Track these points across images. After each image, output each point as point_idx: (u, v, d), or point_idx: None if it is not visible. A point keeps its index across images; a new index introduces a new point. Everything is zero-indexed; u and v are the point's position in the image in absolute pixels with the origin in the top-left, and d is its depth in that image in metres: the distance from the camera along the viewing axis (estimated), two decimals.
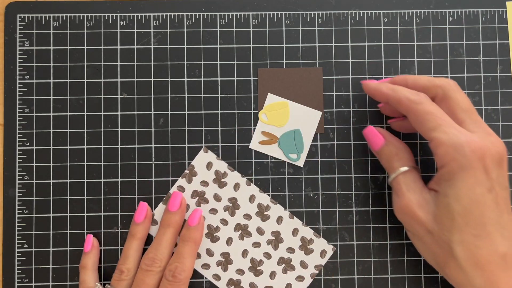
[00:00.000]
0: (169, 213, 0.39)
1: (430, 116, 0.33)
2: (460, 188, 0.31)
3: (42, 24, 0.41)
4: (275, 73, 0.41)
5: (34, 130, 0.40)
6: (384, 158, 0.37)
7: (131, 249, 0.38)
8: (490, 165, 0.31)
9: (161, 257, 0.37)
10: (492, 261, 0.31)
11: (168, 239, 0.38)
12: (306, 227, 0.40)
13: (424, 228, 0.33)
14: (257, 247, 0.40)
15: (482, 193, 0.31)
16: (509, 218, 0.32)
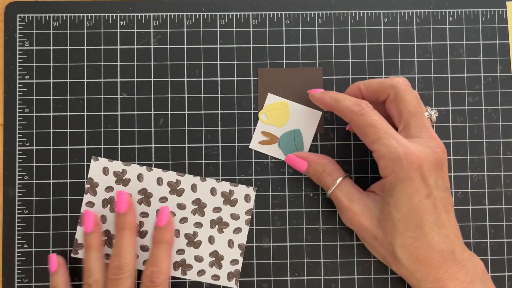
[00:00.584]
0: (120, 215, 0.38)
1: (371, 129, 0.34)
2: (399, 198, 0.34)
3: (42, 24, 0.41)
4: (275, 73, 0.41)
5: (34, 130, 0.40)
6: (315, 178, 0.39)
7: (91, 261, 0.37)
8: (427, 173, 0.33)
9: (126, 262, 0.36)
10: (430, 257, 0.34)
11: (128, 242, 0.37)
12: (221, 182, 0.40)
13: (369, 234, 0.36)
14: (186, 222, 0.40)
15: (420, 200, 0.34)
16: (446, 217, 0.34)
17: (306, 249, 0.40)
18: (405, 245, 0.34)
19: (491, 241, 0.40)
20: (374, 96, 0.37)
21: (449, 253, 0.34)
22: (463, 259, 0.34)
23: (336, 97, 0.37)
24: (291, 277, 0.40)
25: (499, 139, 0.41)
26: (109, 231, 0.40)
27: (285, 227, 0.40)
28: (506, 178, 0.41)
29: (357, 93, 0.37)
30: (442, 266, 0.34)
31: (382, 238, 0.35)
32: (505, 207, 0.40)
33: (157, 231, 0.38)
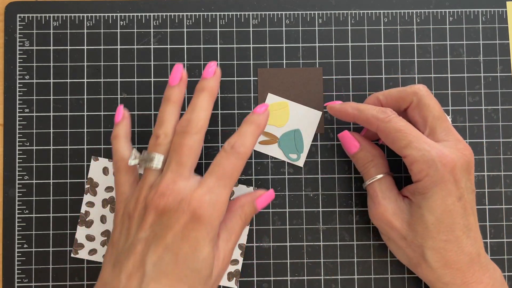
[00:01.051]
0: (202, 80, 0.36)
1: (400, 134, 0.34)
2: (433, 201, 0.34)
3: (42, 24, 0.41)
4: (275, 73, 0.41)
5: (34, 130, 0.40)
6: (359, 163, 0.38)
7: (166, 113, 0.35)
8: (459, 175, 0.33)
9: (198, 118, 0.34)
10: (459, 260, 0.34)
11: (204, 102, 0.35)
12: None
13: (398, 234, 0.35)
14: None
15: (453, 202, 0.33)
16: (474, 220, 0.34)
17: (306, 249, 0.40)
18: (436, 248, 0.34)
19: (491, 241, 0.40)
20: (395, 105, 0.37)
21: (476, 256, 0.34)
22: (486, 262, 0.35)
23: (358, 107, 0.36)
24: (291, 277, 0.40)
25: (499, 139, 0.41)
26: (109, 230, 0.40)
27: (285, 227, 0.40)
28: (506, 178, 0.41)
29: (376, 103, 0.37)
30: (470, 269, 0.34)
31: (412, 240, 0.35)
32: (505, 207, 0.40)
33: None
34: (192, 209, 0.31)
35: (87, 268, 0.40)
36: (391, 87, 0.41)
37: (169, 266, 0.30)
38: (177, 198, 0.32)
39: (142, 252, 0.31)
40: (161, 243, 0.31)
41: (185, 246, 0.31)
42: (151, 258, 0.30)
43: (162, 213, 0.31)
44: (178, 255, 0.31)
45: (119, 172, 0.35)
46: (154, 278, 0.30)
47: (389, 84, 0.41)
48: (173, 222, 0.31)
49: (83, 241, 0.40)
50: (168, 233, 0.31)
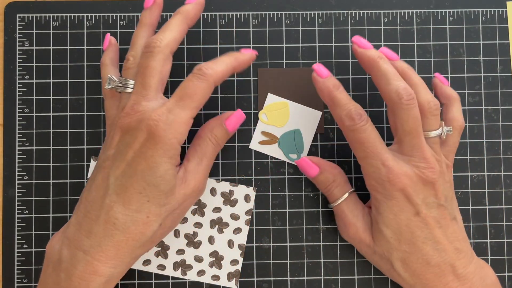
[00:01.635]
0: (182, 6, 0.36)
1: (359, 146, 0.34)
2: (386, 216, 0.34)
3: (41, 24, 0.41)
4: (275, 73, 0.41)
5: (33, 130, 0.40)
6: (322, 186, 0.38)
7: (137, 36, 0.36)
8: (412, 193, 0.34)
9: (161, 38, 0.34)
10: (427, 271, 0.34)
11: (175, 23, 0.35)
12: (221, 182, 0.40)
13: (370, 249, 0.36)
14: (185, 222, 0.40)
15: (408, 217, 0.34)
16: (441, 233, 0.34)
17: (306, 249, 0.40)
18: (401, 259, 0.34)
19: (491, 241, 0.40)
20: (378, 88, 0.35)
21: (448, 267, 0.34)
22: (467, 272, 0.34)
23: (334, 97, 0.34)
24: (291, 277, 0.40)
25: (499, 139, 0.41)
26: None
27: (285, 227, 0.40)
28: (506, 178, 0.41)
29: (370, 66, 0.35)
30: (441, 280, 0.34)
31: (381, 253, 0.35)
32: (505, 207, 0.40)
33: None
34: (149, 128, 0.32)
35: None
36: None
37: (129, 180, 0.33)
38: (138, 118, 0.33)
39: (107, 168, 0.33)
40: (124, 160, 0.33)
41: (143, 162, 0.32)
42: (115, 172, 0.33)
43: (125, 132, 0.33)
44: (136, 170, 0.33)
45: (106, 98, 0.37)
46: (116, 191, 0.33)
47: None
48: (133, 140, 0.33)
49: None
50: (129, 151, 0.33)
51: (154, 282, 0.40)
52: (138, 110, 0.33)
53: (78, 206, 0.35)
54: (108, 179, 0.33)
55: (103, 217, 0.33)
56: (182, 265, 0.40)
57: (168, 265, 0.40)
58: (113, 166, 0.33)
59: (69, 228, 0.34)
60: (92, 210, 0.33)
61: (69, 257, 0.33)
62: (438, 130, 0.35)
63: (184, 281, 0.40)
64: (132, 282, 0.40)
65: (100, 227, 0.33)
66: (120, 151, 0.33)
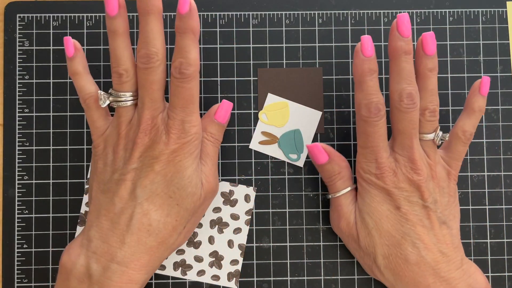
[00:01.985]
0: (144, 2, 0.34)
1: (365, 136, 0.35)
2: (369, 203, 0.35)
3: (41, 24, 0.41)
4: (275, 73, 0.41)
5: (33, 130, 0.40)
6: (326, 175, 0.38)
7: (118, 49, 0.35)
8: (394, 190, 0.35)
9: (155, 50, 0.34)
10: (406, 269, 0.34)
11: (154, 28, 0.34)
12: (221, 182, 0.40)
13: (357, 244, 0.36)
14: None
15: (389, 209, 0.35)
16: (424, 232, 0.35)
17: (306, 249, 0.40)
18: (383, 254, 0.35)
19: (491, 241, 0.40)
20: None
21: (429, 268, 0.34)
22: (451, 277, 0.34)
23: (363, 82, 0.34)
24: (291, 277, 0.40)
25: (499, 139, 0.41)
26: None
27: (285, 227, 0.40)
28: (506, 178, 0.41)
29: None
30: (421, 281, 0.34)
31: (365, 247, 0.36)
32: (505, 207, 0.40)
33: (179, 19, 0.34)
34: (171, 140, 0.34)
35: None
36: None
37: (159, 187, 0.34)
38: (158, 133, 0.34)
39: (133, 180, 0.34)
40: (151, 170, 0.34)
41: (172, 169, 0.34)
42: (143, 182, 0.34)
43: (148, 148, 0.34)
44: (166, 176, 0.34)
45: (90, 109, 0.36)
46: (147, 199, 0.34)
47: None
48: (158, 153, 0.34)
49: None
50: (156, 163, 0.34)
51: (154, 282, 0.40)
52: (155, 126, 0.34)
53: (98, 219, 0.34)
54: (136, 190, 0.34)
55: (136, 226, 0.33)
56: (182, 265, 0.40)
57: (168, 265, 0.40)
58: (140, 177, 0.34)
59: (93, 242, 0.34)
60: (121, 221, 0.33)
61: (101, 270, 0.33)
62: (431, 134, 0.36)
63: (184, 281, 0.40)
64: None
65: (134, 236, 0.33)
66: (144, 164, 0.34)
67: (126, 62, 0.35)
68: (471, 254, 0.40)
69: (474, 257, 0.40)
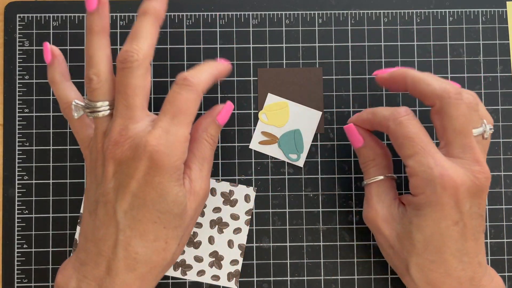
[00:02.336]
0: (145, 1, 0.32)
1: (407, 141, 0.31)
2: (424, 220, 0.31)
3: (41, 24, 0.41)
4: (275, 73, 0.41)
5: (33, 130, 0.40)
6: (361, 160, 0.36)
7: (92, 48, 0.31)
8: (462, 199, 0.31)
9: (136, 48, 0.30)
10: (444, 283, 0.32)
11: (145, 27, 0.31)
12: (221, 182, 0.40)
13: (386, 241, 0.34)
14: None
15: (447, 226, 0.31)
16: (473, 245, 0.32)
17: (306, 249, 0.40)
18: (420, 266, 0.32)
19: (491, 241, 0.40)
20: (419, 96, 0.33)
21: (467, 280, 0.31)
22: (481, 285, 0.32)
23: (373, 110, 0.34)
24: (291, 278, 0.40)
25: (499, 139, 0.41)
26: None
27: (285, 227, 0.40)
28: (506, 178, 0.41)
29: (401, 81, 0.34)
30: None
31: (399, 251, 0.33)
32: (505, 207, 0.40)
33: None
34: (149, 155, 0.30)
35: None
36: None
37: (140, 212, 0.30)
38: (132, 145, 0.30)
39: (111, 202, 0.31)
40: (127, 192, 0.30)
41: (151, 192, 0.30)
42: (122, 206, 0.30)
43: (120, 163, 0.30)
44: (146, 200, 0.30)
45: (70, 119, 0.33)
46: (129, 225, 0.30)
47: None
48: (133, 170, 0.30)
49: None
50: (131, 182, 0.30)
51: None
52: (128, 136, 0.30)
53: (86, 243, 0.32)
54: (116, 214, 0.31)
55: (122, 254, 0.31)
56: (182, 265, 0.40)
57: None
58: (117, 199, 0.30)
59: (83, 266, 0.32)
60: (105, 248, 0.31)
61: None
62: (481, 128, 0.33)
63: (184, 281, 0.40)
64: None
65: (121, 264, 0.31)
66: (121, 183, 0.30)
67: (99, 64, 0.31)
68: None
69: None
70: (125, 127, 0.31)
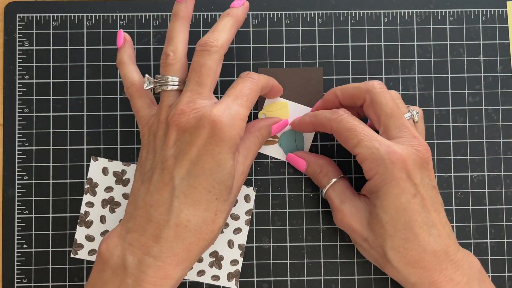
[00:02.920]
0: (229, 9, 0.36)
1: (351, 133, 0.34)
2: (385, 199, 0.33)
3: (41, 24, 0.41)
4: (275, 73, 0.41)
5: (33, 130, 0.40)
6: (313, 178, 0.39)
7: (174, 30, 0.35)
8: (412, 171, 0.33)
9: (217, 38, 0.34)
10: (422, 259, 0.33)
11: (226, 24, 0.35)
12: None
13: (360, 236, 0.35)
14: None
15: (407, 200, 0.33)
16: (436, 216, 0.33)
17: (306, 249, 0.40)
18: (396, 247, 0.33)
19: (491, 241, 0.40)
20: (351, 101, 0.36)
21: (443, 254, 0.33)
22: (458, 259, 0.34)
23: (314, 114, 0.37)
24: (291, 278, 0.40)
25: (499, 139, 0.41)
26: (109, 231, 0.40)
27: (285, 227, 0.40)
28: (506, 178, 0.41)
29: (334, 99, 0.37)
30: (436, 268, 0.33)
31: (373, 241, 0.34)
32: (505, 207, 0.40)
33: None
34: (213, 124, 0.32)
35: (86, 268, 0.40)
36: (391, 87, 0.41)
37: (197, 180, 0.32)
38: (197, 115, 0.32)
39: (169, 168, 0.32)
40: (187, 159, 0.32)
41: (210, 160, 0.32)
42: (179, 173, 0.32)
43: (184, 130, 0.32)
44: (204, 168, 0.32)
45: (134, 98, 0.36)
46: (184, 192, 0.32)
47: (389, 84, 0.41)
48: (195, 138, 0.32)
49: (83, 241, 0.40)
50: (192, 149, 0.32)
51: None
52: (194, 108, 0.33)
53: (135, 210, 0.33)
54: (173, 180, 0.32)
55: (174, 221, 0.32)
56: None
57: None
58: (176, 165, 0.32)
59: (130, 234, 0.32)
60: (157, 214, 0.32)
61: (136, 263, 0.32)
62: (408, 113, 0.36)
63: (184, 281, 0.40)
64: None
65: (171, 231, 0.32)
66: (181, 150, 0.32)
67: (177, 44, 0.35)
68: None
69: None
70: (192, 100, 0.33)
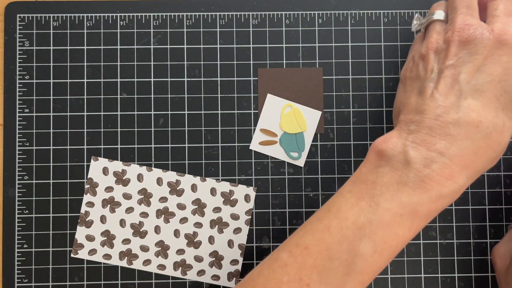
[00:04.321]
0: None
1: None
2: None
3: (42, 24, 0.41)
4: (275, 73, 0.41)
5: (34, 130, 0.40)
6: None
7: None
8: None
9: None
10: None
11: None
12: (221, 182, 0.40)
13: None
14: (186, 222, 0.40)
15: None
16: None
17: None
18: None
19: (491, 241, 0.40)
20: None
21: None
22: None
23: None
24: None
25: None
26: (109, 230, 0.40)
27: (285, 227, 0.40)
28: (506, 178, 0.41)
29: None
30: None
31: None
32: (505, 207, 0.40)
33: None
34: (498, 35, 0.32)
35: (87, 268, 0.40)
36: (391, 87, 0.41)
37: (484, 85, 0.31)
38: (477, 29, 0.32)
39: (452, 75, 0.32)
40: (472, 66, 0.32)
41: (498, 68, 0.31)
42: (465, 78, 0.31)
43: (466, 43, 0.32)
44: (492, 75, 0.31)
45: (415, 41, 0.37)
46: (471, 94, 0.31)
47: (389, 84, 0.41)
48: (480, 48, 0.32)
49: (83, 241, 0.40)
50: (477, 57, 0.32)
51: (154, 282, 0.40)
52: (472, 24, 0.32)
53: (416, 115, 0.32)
54: (460, 84, 0.31)
55: (465, 119, 0.31)
56: (182, 265, 0.40)
57: (168, 265, 0.40)
58: (460, 72, 0.32)
59: (413, 134, 0.31)
60: (445, 114, 0.31)
61: (420, 158, 0.30)
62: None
63: (184, 281, 0.40)
64: (132, 282, 0.40)
65: (461, 129, 0.31)
66: (463, 60, 0.32)
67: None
68: (471, 254, 0.40)
69: (474, 257, 0.40)
70: (467, 19, 0.33)
